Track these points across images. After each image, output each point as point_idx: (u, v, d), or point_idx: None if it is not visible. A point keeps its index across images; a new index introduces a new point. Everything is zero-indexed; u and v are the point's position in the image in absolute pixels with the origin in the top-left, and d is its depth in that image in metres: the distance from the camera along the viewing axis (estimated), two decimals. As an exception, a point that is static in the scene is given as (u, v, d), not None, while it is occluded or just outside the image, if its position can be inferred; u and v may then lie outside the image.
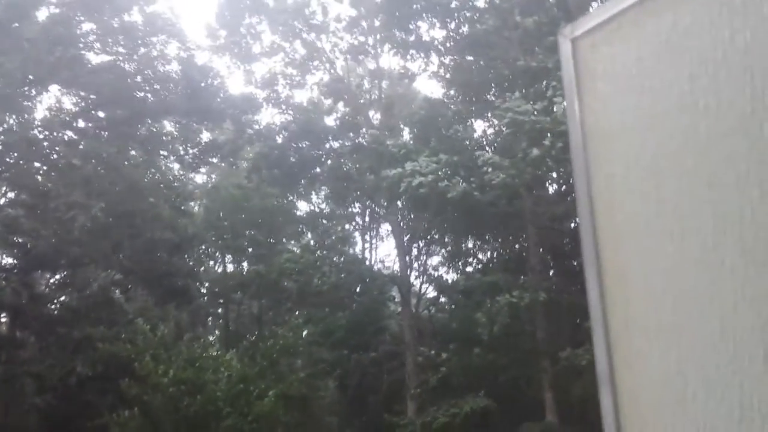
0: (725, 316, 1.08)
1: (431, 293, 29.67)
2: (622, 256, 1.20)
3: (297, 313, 23.74)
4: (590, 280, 1.24)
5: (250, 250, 27.40)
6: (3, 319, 24.73)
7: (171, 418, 18.45)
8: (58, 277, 25.11)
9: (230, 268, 29.44)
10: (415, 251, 28.68)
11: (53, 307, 24.76)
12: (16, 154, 23.22)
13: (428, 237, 28.12)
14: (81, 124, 25.09)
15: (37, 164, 23.43)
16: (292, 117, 27.19)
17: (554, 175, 23.77)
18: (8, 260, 24.33)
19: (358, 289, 27.18)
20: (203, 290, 27.29)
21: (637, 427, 1.23)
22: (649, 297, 1.17)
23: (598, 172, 1.24)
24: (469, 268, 27.64)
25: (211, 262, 29.38)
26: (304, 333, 23.77)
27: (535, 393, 22.18)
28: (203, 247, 27.98)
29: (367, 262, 29.47)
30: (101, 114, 25.07)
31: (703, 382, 1.11)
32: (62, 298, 25.42)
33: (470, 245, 27.63)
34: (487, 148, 24.23)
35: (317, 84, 28.03)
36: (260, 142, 26.55)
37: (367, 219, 29.20)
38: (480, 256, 27.95)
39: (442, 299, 29.51)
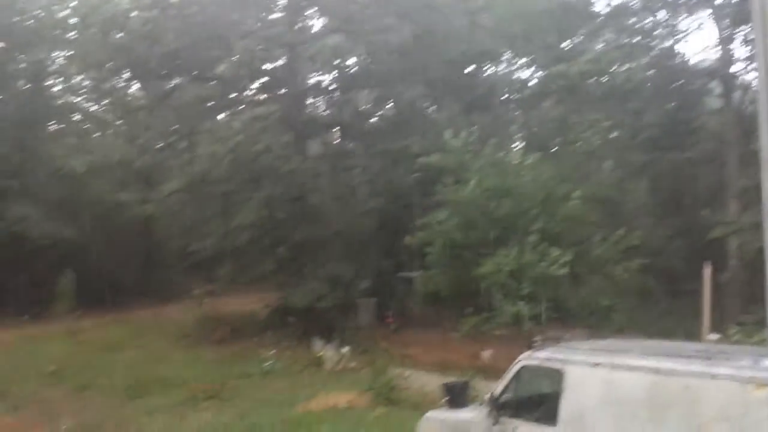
0: None
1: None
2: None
3: (602, 115, 22.89)
4: None
5: (546, 54, 26.51)
6: (335, 135, 28.21)
7: (483, 220, 19.85)
8: (374, 95, 27.49)
9: (527, 73, 29.05)
10: (740, 38, 25.03)
11: (373, 121, 27.34)
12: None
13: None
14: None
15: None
16: None
17: None
18: (332, 83, 27.16)
19: (670, 86, 25.00)
20: (504, 98, 27.61)
21: None
22: None
23: None
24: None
25: (509, 70, 29.23)
26: (611, 135, 23.00)
27: None
28: (502, 54, 27.86)
29: (680, 56, 26.66)
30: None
31: None
32: (379, 113, 27.94)
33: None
34: None
35: None
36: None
37: (678, 8, 25.94)
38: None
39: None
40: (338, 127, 27.34)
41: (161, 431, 13.88)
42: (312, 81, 27.24)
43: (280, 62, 26.02)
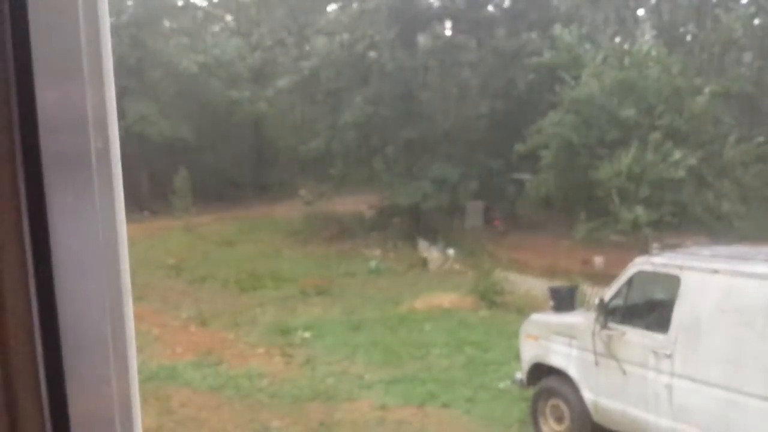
0: None
1: None
2: None
3: (745, 1, 20.42)
4: None
5: None
6: (446, 28, 26.71)
7: (602, 118, 18.63)
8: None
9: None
10: None
11: (488, 11, 25.36)
12: None
13: None
14: None
15: None
16: None
17: None
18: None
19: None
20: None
21: None
22: None
23: None
24: None
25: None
26: (754, 22, 20.59)
27: None
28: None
29: None
30: None
31: None
32: (495, 2, 25.92)
33: None
34: None
35: None
36: None
37: None
38: None
39: None
40: (449, 19, 25.91)
41: (274, 322, 14.52)
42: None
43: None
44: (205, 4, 33.61)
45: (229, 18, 32.48)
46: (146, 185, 26.28)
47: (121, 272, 0.81)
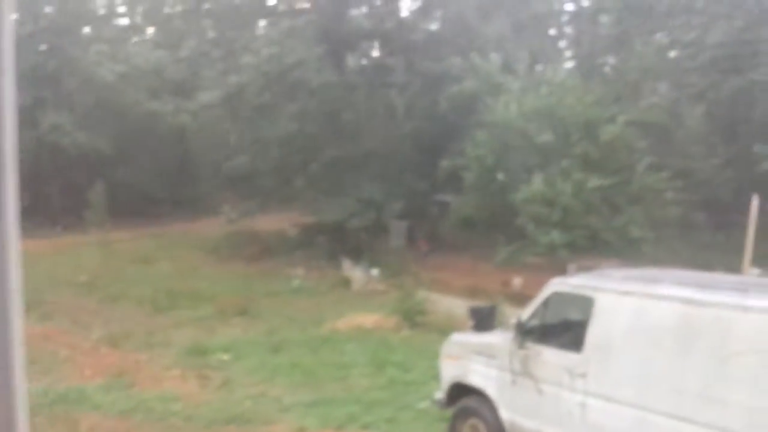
0: None
1: None
2: None
3: (661, 33, 21.38)
4: None
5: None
6: (375, 49, 26.81)
7: (521, 144, 19.09)
8: (419, 4, 25.80)
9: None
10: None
11: (417, 36, 25.54)
12: None
13: None
14: None
15: None
16: None
17: None
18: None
19: (740, 3, 22.94)
20: (557, 13, 25.91)
21: None
22: None
23: None
24: None
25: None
26: (669, 54, 21.60)
27: None
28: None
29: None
30: None
31: None
32: (424, 26, 26.19)
33: None
34: None
35: None
36: None
37: None
38: None
39: None
40: (379, 40, 26.04)
41: (191, 343, 14.01)
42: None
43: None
44: (128, 14, 32.60)
45: (153, 30, 31.62)
46: (60, 199, 24.96)
47: (11, 291, 0.74)
